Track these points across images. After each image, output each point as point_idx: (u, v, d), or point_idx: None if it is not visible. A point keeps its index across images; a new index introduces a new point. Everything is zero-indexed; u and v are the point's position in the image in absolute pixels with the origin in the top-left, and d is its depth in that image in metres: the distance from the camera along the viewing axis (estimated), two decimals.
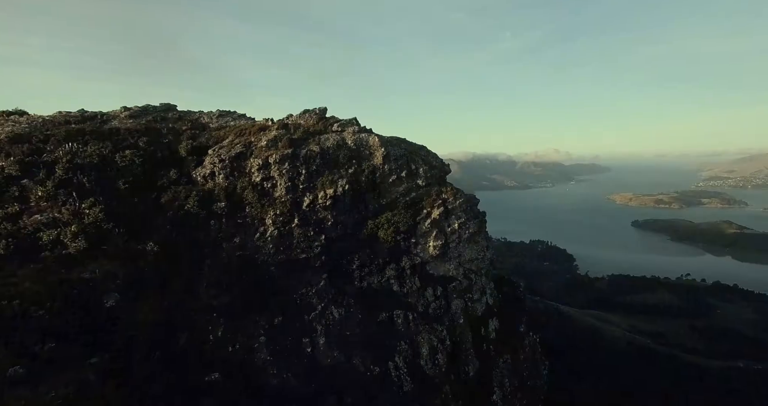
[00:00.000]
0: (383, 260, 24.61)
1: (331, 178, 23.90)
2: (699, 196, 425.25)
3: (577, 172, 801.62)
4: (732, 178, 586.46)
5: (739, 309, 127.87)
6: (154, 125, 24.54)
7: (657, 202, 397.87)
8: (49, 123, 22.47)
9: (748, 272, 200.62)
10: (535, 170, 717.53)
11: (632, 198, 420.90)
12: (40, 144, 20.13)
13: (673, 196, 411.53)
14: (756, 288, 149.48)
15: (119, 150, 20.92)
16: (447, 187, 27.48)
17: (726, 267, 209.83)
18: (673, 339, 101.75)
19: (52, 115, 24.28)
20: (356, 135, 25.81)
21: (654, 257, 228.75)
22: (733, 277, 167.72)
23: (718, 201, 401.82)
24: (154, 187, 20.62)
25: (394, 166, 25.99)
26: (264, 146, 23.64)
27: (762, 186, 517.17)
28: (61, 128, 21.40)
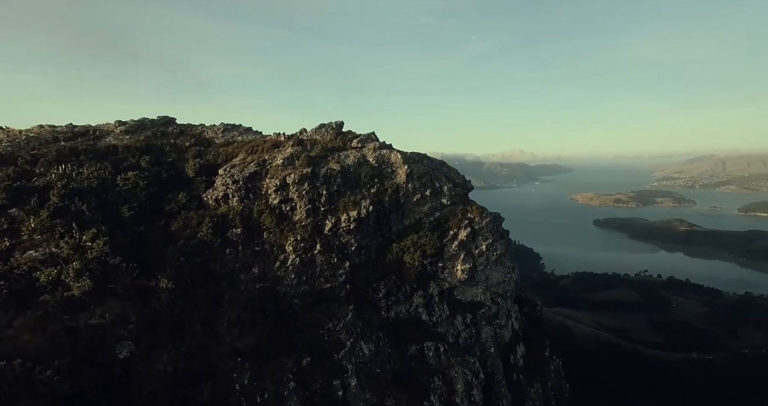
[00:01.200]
0: (410, 287, 23.78)
1: (353, 199, 23.05)
2: (653, 195, 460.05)
3: (541, 172, 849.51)
4: (682, 179, 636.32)
5: (692, 303, 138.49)
6: (155, 142, 23.09)
7: (616, 201, 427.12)
8: (34, 140, 20.68)
9: (698, 267, 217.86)
10: (501, 171, 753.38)
11: (593, 198, 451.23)
12: (28, 166, 18.38)
13: (630, 196, 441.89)
14: (705, 282, 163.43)
15: (120, 171, 19.40)
16: (472, 205, 27.11)
17: (678, 263, 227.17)
18: (635, 334, 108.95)
19: (34, 131, 22.41)
20: (377, 152, 25.17)
21: (614, 254, 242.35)
22: (685, 272, 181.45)
23: (670, 200, 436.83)
24: (161, 213, 19.15)
25: (417, 185, 25.43)
26: (280, 165, 22.60)
27: (708, 186, 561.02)
28: (50, 147, 19.72)
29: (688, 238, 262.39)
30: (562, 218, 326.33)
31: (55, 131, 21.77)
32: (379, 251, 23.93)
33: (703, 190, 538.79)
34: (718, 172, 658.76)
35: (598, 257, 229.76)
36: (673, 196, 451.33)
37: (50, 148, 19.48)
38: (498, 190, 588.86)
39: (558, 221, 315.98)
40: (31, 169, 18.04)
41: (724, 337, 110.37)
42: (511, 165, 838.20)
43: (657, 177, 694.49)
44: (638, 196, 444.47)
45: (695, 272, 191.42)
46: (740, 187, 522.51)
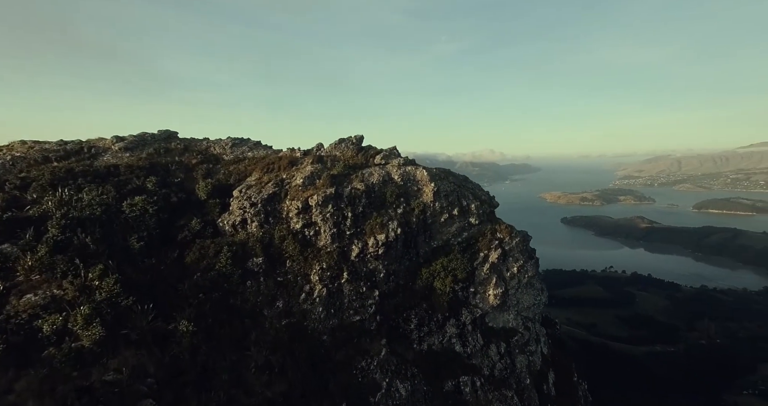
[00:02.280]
0: (442, 316, 22.80)
1: (380, 220, 22.07)
2: (616, 194, 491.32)
3: (511, 172, 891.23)
4: (642, 177, 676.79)
5: (654, 297, 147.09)
6: (159, 160, 21.60)
7: (582, 199, 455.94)
8: (20, 161, 18.89)
9: (658, 262, 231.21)
10: (473, 170, 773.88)
11: (560, 196, 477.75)
12: (18, 192, 16.64)
13: (595, 194, 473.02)
14: (665, 277, 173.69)
15: (125, 196, 17.87)
16: (500, 224, 26.52)
17: (640, 258, 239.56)
18: (603, 329, 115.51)
19: (17, 148, 20.53)
20: (402, 168, 24.34)
21: (582, 251, 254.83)
22: (647, 267, 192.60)
23: (631, 198, 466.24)
24: (174, 242, 17.67)
25: (444, 204, 24.68)
26: (300, 185, 21.45)
27: (665, 184, 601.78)
28: (42, 169, 18.01)
29: (649, 234, 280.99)
30: (532, 216, 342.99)
31: (44, 149, 20.00)
32: (408, 276, 22.95)
33: (661, 188, 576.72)
34: (674, 171, 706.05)
35: (566, 254, 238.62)
36: (634, 195, 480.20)
37: (42, 170, 17.78)
38: None
39: (528, 219, 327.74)
40: (22, 195, 16.35)
41: (683, 329, 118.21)
42: (482, 164, 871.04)
43: (619, 176, 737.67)
44: (602, 195, 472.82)
45: (656, 267, 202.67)
46: (694, 186, 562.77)
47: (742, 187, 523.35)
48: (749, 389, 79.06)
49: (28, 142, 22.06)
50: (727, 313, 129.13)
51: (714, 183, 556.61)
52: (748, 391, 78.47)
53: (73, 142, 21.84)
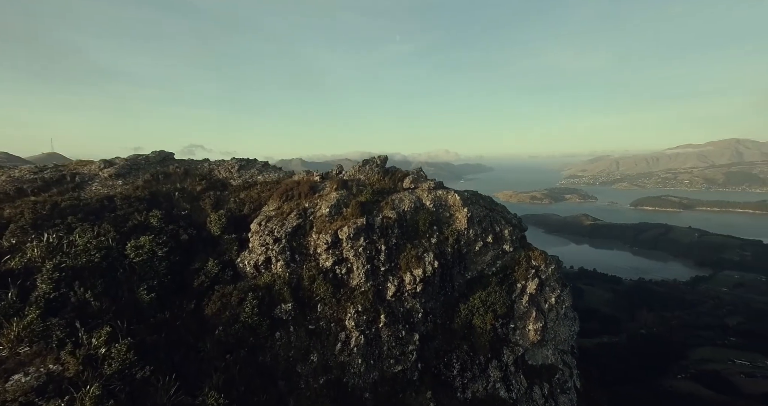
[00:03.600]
0: (484, 357, 21.48)
1: (415, 253, 20.65)
2: (563, 192, 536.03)
3: (465, 171, 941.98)
4: (585, 177, 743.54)
5: (599, 290, 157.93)
6: (159, 188, 19.28)
7: (532, 198, 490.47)
8: None
9: (601, 257, 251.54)
10: (428, 170, 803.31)
11: (512, 195, 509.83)
12: None
13: (544, 193, 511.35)
14: (608, 271, 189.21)
15: (128, 236, 15.54)
16: (533, 250, 25.74)
17: (586, 254, 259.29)
18: None
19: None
20: (433, 193, 23.12)
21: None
22: (592, 262, 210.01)
23: (576, 197, 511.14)
24: (189, 290, 15.45)
25: (478, 231, 23.62)
26: (326, 215, 19.73)
27: (606, 183, 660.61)
28: (20, 205, 15.37)
29: (593, 231, 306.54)
30: None
31: (14, 179, 17.20)
32: (445, 313, 21.54)
33: (602, 187, 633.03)
34: (613, 171, 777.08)
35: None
36: (579, 193, 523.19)
37: (19, 206, 15.16)
38: None
39: None
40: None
41: (625, 320, 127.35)
42: (437, 164, 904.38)
43: (565, 175, 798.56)
44: (551, 194, 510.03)
45: (600, 261, 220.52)
46: (631, 184, 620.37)
47: (671, 186, 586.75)
48: (682, 374, 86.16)
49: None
50: (662, 303, 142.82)
51: (647, 182, 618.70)
52: (681, 375, 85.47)
53: (51, 168, 19.11)
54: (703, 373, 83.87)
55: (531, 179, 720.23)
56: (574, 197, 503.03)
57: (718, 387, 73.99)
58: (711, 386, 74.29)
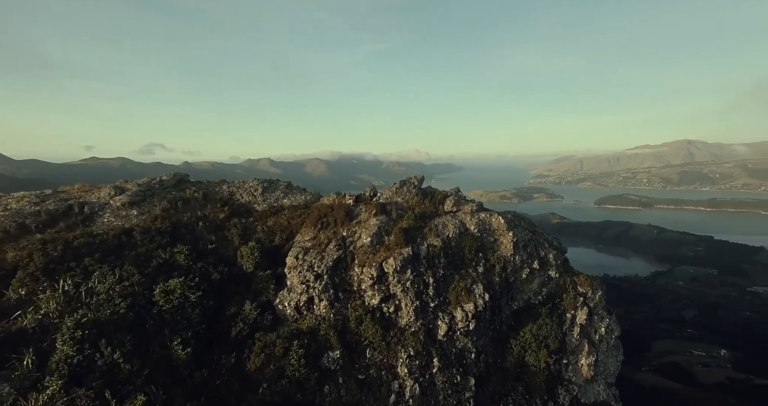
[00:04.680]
0: (540, 399, 20.15)
1: (463, 285, 19.34)
2: (531, 192, 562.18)
3: (436, 171, 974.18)
4: (551, 176, 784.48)
5: None
6: (180, 217, 17.57)
7: (501, 197, 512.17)
8: None
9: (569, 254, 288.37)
10: (399, 170, 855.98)
11: (483, 194, 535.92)
12: None
13: (513, 192, 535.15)
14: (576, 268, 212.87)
15: (154, 278, 13.85)
16: (578, 275, 24.71)
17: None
18: None
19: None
20: (475, 216, 21.95)
21: None
22: None
23: (544, 196, 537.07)
24: (226, 340, 13.76)
25: (524, 256, 22.47)
26: (368, 245, 18.30)
27: (571, 182, 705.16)
28: (26, 247, 13.57)
29: (560, 229, 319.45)
30: None
31: (14, 213, 15.30)
32: (496, 351, 20.19)
33: (568, 186, 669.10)
34: (577, 170, 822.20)
35: None
36: (546, 193, 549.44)
37: (25, 247, 13.34)
38: None
39: None
40: (1, 294, 11.99)
41: None
42: (408, 164, 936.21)
43: (533, 175, 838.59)
44: (519, 193, 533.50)
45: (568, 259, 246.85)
46: (594, 184, 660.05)
47: (631, 185, 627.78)
48: (646, 366, 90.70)
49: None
50: (627, 298, 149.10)
51: (609, 181, 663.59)
52: (645, 368, 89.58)
53: (52, 195, 17.24)
54: (665, 365, 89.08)
55: (500, 179, 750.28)
56: (541, 196, 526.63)
57: (679, 378, 78.65)
58: (672, 378, 78.76)
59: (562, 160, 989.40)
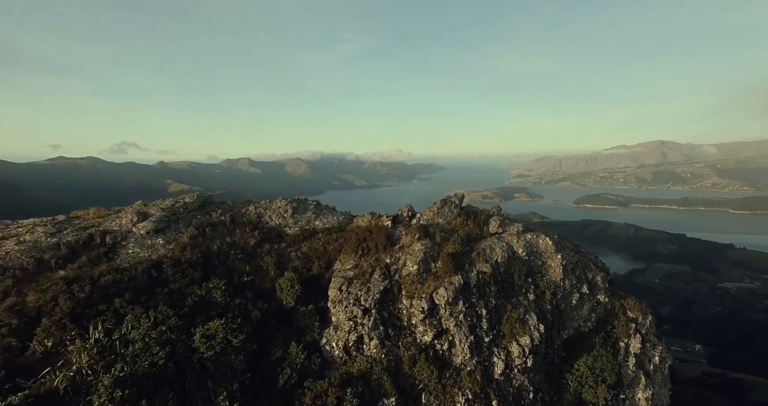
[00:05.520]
0: None
1: (516, 315, 18.15)
2: (512, 191, 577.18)
3: (418, 171, 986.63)
4: (531, 176, 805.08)
5: None
6: (209, 244, 16.32)
7: (483, 197, 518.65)
8: None
9: None
10: (382, 170, 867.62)
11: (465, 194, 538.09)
12: (14, 340, 10.83)
13: (494, 192, 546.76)
14: None
15: (191, 319, 12.58)
16: (626, 298, 23.56)
17: None
18: None
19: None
20: (522, 238, 20.84)
21: None
22: None
23: (525, 195, 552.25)
24: (273, 390, 12.48)
25: (573, 280, 21.34)
26: (414, 273, 17.11)
27: (551, 182, 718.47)
28: (51, 287, 12.26)
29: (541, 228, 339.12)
30: None
31: (31, 247, 13.88)
32: (550, 387, 18.92)
33: (547, 186, 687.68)
34: (557, 170, 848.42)
35: None
36: (527, 192, 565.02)
37: (49, 288, 12.02)
38: (380, 189, 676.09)
39: None
40: (24, 346, 10.66)
41: None
42: (391, 164, 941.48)
43: (513, 174, 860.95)
44: (501, 192, 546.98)
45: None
46: (573, 183, 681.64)
47: (608, 184, 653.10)
48: None
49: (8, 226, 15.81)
50: None
51: (587, 181, 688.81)
52: None
53: (65, 222, 15.92)
54: None
55: (482, 178, 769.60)
56: (522, 196, 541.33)
57: None
58: None
59: (542, 160, 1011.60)
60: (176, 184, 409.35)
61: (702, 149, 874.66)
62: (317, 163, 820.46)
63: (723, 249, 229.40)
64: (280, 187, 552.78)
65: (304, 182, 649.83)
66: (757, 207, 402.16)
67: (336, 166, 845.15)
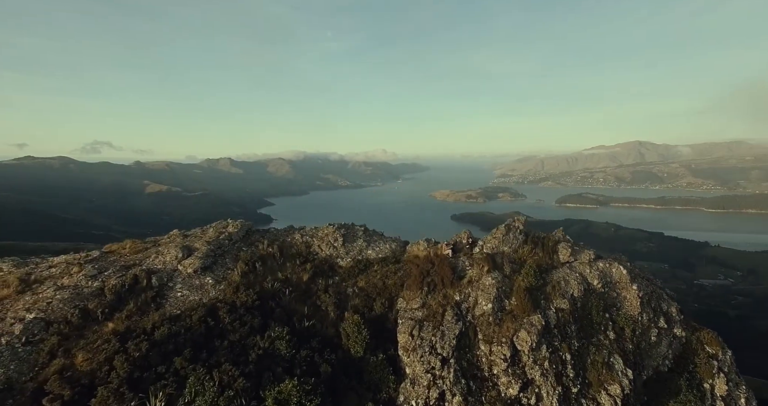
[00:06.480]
0: None
1: (600, 359, 16.54)
2: (496, 191, 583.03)
3: (402, 171, 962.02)
4: (514, 176, 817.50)
5: None
6: (260, 282, 14.89)
7: (468, 197, 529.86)
8: (36, 326, 11.49)
9: None
10: (365, 170, 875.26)
11: (449, 194, 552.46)
12: None
13: (478, 192, 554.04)
14: None
15: (257, 378, 11.08)
16: (704, 331, 21.90)
17: None
18: None
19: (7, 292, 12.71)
20: (595, 266, 19.31)
21: None
22: None
23: (508, 195, 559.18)
24: None
25: (650, 314, 19.76)
26: (490, 313, 15.59)
27: (534, 182, 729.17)
28: (102, 346, 10.81)
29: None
30: (425, 213, 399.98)
31: (73, 294, 12.54)
32: None
33: (530, 185, 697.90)
34: (539, 170, 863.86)
35: None
36: (510, 192, 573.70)
37: (100, 347, 10.61)
38: (364, 189, 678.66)
39: (421, 216, 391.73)
40: None
41: None
42: (375, 164, 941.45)
43: (497, 174, 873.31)
44: (485, 192, 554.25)
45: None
46: (555, 183, 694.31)
47: (588, 183, 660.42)
48: None
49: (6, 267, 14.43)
50: None
51: (569, 180, 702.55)
52: None
53: (110, 265, 14.49)
54: None
55: (466, 178, 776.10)
56: (506, 196, 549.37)
57: None
58: None
59: (525, 160, 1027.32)
60: (154, 185, 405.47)
61: (677, 149, 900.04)
62: (300, 164, 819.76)
63: (698, 247, 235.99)
64: (263, 187, 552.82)
65: (287, 183, 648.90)
66: (728, 206, 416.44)
67: (319, 166, 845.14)
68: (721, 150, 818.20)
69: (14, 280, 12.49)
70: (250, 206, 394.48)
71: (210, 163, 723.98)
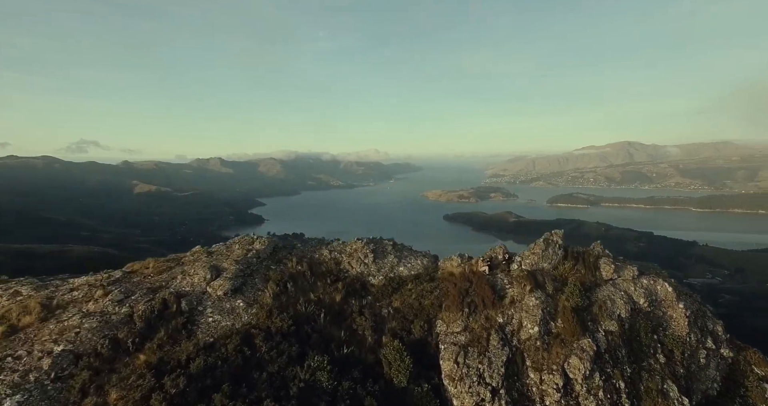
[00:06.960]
0: None
1: (654, 386, 15.62)
2: (488, 191, 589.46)
3: (395, 171, 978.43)
4: (506, 176, 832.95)
5: None
6: (294, 305, 14.05)
7: (460, 197, 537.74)
8: (64, 361, 10.67)
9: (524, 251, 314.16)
10: (358, 169, 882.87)
11: (441, 194, 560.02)
12: None
13: (470, 192, 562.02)
14: None
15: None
16: (751, 351, 20.89)
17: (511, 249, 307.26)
18: None
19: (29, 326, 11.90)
20: (639, 283, 18.45)
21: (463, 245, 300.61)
22: None
23: (500, 195, 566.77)
24: None
25: (698, 334, 18.86)
26: (537, 337, 14.74)
27: (525, 182, 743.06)
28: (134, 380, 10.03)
29: (517, 227, 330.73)
30: (417, 213, 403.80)
31: (101, 322, 11.68)
32: None
33: (522, 185, 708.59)
34: (530, 170, 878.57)
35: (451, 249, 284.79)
36: (502, 192, 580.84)
37: (134, 383, 9.80)
38: (356, 189, 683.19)
39: (413, 216, 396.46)
40: None
41: None
42: (367, 164, 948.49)
43: (489, 174, 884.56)
44: (477, 192, 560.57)
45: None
46: (546, 183, 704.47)
47: (579, 184, 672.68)
48: None
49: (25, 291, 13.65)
50: None
51: (560, 180, 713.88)
52: None
53: (136, 288, 13.70)
54: None
55: (458, 178, 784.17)
56: (498, 196, 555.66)
57: None
58: None
59: (516, 160, 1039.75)
60: (143, 185, 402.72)
61: (666, 150, 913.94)
62: (292, 163, 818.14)
63: (687, 246, 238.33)
64: (255, 187, 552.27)
65: (278, 183, 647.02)
66: (715, 205, 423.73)
67: (311, 166, 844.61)
68: (709, 150, 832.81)
69: (36, 305, 11.72)
70: (242, 206, 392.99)
71: (200, 163, 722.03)
